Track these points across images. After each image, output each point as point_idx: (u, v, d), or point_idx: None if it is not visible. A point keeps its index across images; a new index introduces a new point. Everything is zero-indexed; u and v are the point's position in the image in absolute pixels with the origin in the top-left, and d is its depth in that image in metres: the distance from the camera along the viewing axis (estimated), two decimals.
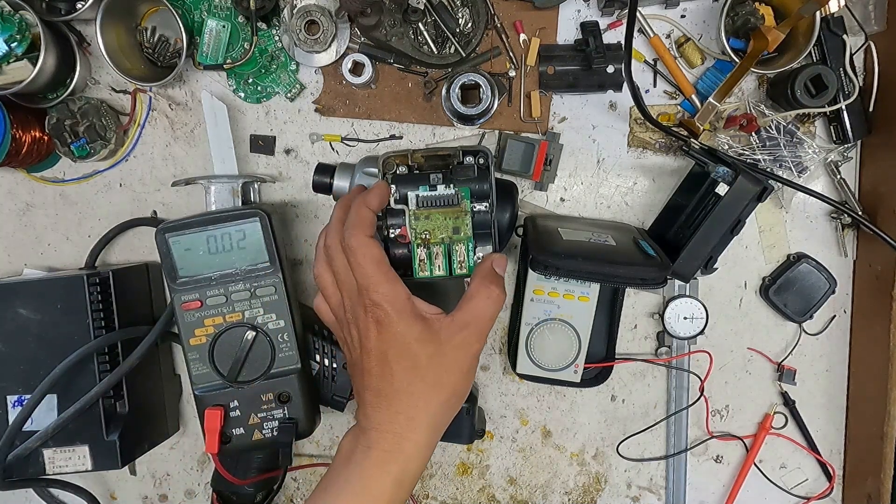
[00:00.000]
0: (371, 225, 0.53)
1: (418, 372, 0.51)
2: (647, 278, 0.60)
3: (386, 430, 0.51)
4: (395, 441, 0.51)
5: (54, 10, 0.64)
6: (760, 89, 0.69)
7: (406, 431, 0.51)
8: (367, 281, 0.51)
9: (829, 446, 0.74)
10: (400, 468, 0.51)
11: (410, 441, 0.51)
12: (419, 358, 0.51)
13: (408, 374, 0.51)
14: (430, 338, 0.51)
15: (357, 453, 0.52)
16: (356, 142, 0.71)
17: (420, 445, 0.52)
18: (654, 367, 0.74)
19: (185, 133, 0.71)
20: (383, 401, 0.52)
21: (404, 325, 0.51)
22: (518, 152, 0.68)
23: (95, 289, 0.64)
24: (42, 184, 0.72)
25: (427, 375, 0.51)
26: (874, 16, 0.66)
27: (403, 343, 0.51)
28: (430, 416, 0.52)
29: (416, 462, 0.52)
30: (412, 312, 0.51)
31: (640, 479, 0.76)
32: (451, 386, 0.52)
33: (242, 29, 0.68)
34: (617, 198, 0.72)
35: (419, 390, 0.51)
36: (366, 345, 0.52)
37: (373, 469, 0.51)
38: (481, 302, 0.53)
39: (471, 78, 0.65)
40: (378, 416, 0.52)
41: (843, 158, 0.69)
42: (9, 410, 0.64)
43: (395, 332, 0.51)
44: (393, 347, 0.51)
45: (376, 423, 0.52)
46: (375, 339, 0.51)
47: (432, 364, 0.51)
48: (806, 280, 0.70)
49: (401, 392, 0.51)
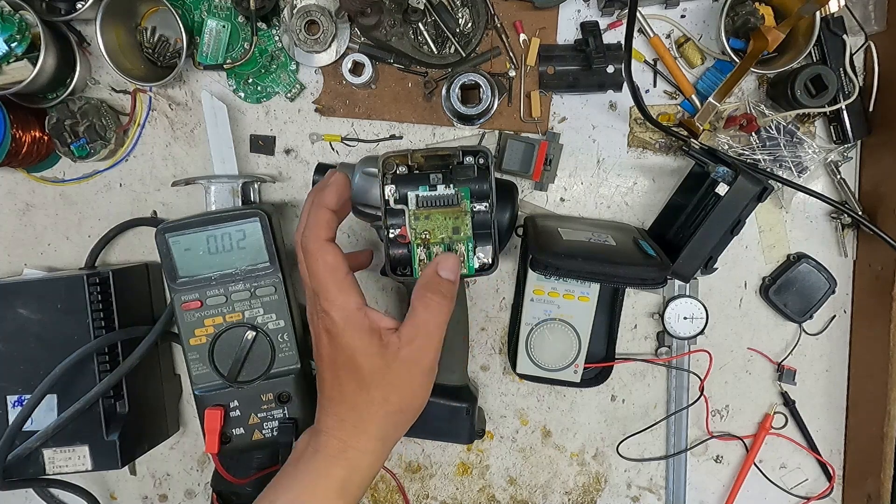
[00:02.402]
0: (328, 226, 0.52)
1: (363, 384, 0.50)
2: (647, 278, 0.60)
3: (333, 435, 0.51)
4: (341, 447, 0.51)
5: (54, 10, 0.65)
6: (760, 89, 0.69)
7: (351, 439, 0.51)
8: (319, 287, 0.51)
9: (829, 446, 0.74)
10: (344, 475, 0.51)
11: (356, 449, 0.51)
12: (364, 371, 0.50)
13: (354, 385, 0.51)
14: (376, 352, 0.50)
15: (306, 454, 0.52)
16: (356, 142, 0.71)
17: (366, 454, 0.51)
18: (654, 367, 0.74)
19: (185, 133, 0.71)
20: (332, 406, 0.52)
21: (350, 337, 0.50)
22: (518, 152, 0.68)
23: (95, 289, 0.64)
24: (42, 184, 0.72)
25: (372, 389, 0.50)
26: (874, 16, 0.66)
27: (350, 355, 0.50)
28: (376, 427, 0.51)
29: (363, 471, 0.51)
30: (360, 324, 0.50)
31: (640, 479, 0.76)
32: (398, 402, 0.51)
33: (242, 29, 0.68)
34: (617, 198, 0.72)
35: (364, 402, 0.51)
36: (319, 350, 0.52)
37: (318, 472, 0.51)
38: (421, 314, 0.51)
39: (471, 78, 0.65)
40: (327, 420, 0.52)
41: (843, 158, 0.69)
42: (9, 410, 0.64)
43: (342, 342, 0.50)
44: (341, 357, 0.51)
45: (325, 426, 0.52)
46: (326, 347, 0.51)
47: (378, 379, 0.50)
48: (806, 280, 0.70)
49: (348, 401, 0.51)
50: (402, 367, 0.50)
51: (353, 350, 0.50)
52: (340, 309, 0.50)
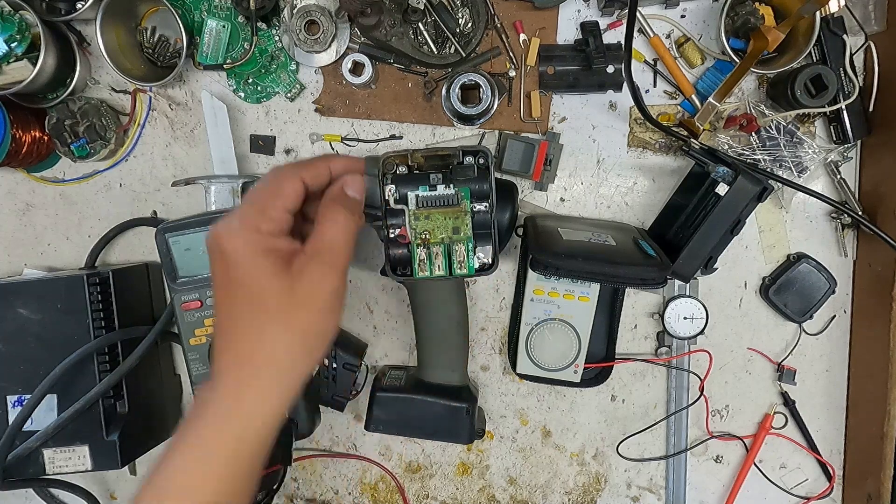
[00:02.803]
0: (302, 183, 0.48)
1: (263, 306, 0.45)
2: (647, 278, 0.60)
3: (227, 378, 0.46)
4: (236, 390, 0.45)
5: (54, 10, 0.65)
6: (760, 89, 0.69)
7: (248, 378, 0.45)
8: (246, 200, 0.47)
9: (829, 446, 0.74)
10: (241, 424, 0.45)
11: (252, 389, 0.45)
12: (265, 292, 0.45)
13: (252, 308, 0.45)
14: (277, 272, 0.45)
15: (197, 406, 0.46)
16: (356, 142, 0.71)
17: (264, 396, 0.46)
18: (654, 367, 0.74)
19: (185, 133, 0.71)
20: (226, 342, 0.47)
21: (246, 256, 0.45)
22: (518, 152, 0.68)
23: (95, 289, 0.64)
24: (42, 184, 0.72)
25: (273, 311, 0.45)
26: (874, 16, 0.66)
27: (245, 274, 0.46)
28: (275, 360, 0.46)
29: (261, 417, 0.46)
30: (258, 242, 0.46)
31: (640, 479, 0.76)
32: (302, 325, 0.46)
33: (242, 29, 0.68)
34: (617, 198, 0.72)
35: (262, 326, 0.45)
36: (213, 274, 0.47)
37: (210, 424, 0.45)
38: (329, 228, 0.48)
39: (471, 78, 0.65)
40: (221, 360, 0.47)
41: (843, 158, 0.69)
42: (9, 410, 0.64)
43: (238, 263, 0.46)
44: (235, 279, 0.46)
45: (218, 369, 0.46)
46: (219, 270, 0.47)
47: (280, 300, 0.45)
48: (806, 280, 0.70)
49: (243, 330, 0.46)
50: (308, 285, 0.46)
51: (246, 272, 0.45)
52: (240, 230, 0.46)
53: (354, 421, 0.75)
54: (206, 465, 0.44)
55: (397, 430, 0.66)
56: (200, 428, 0.45)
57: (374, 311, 0.74)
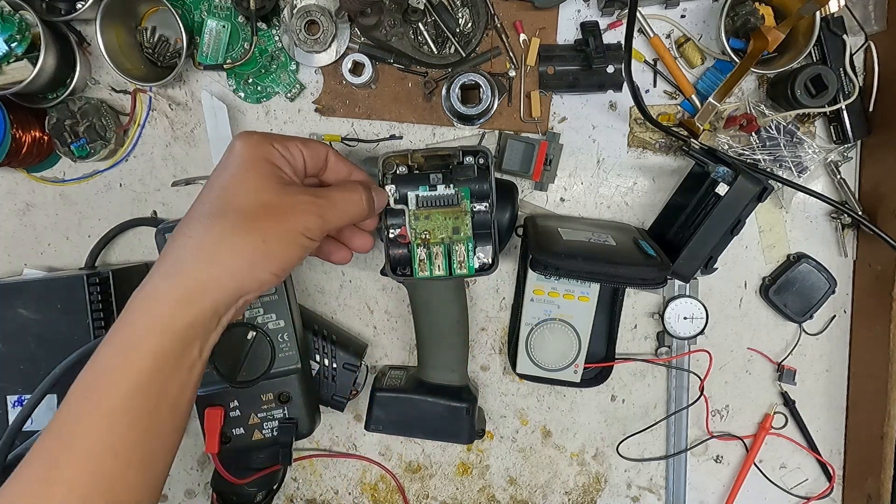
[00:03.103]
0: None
1: (235, 204, 0.46)
2: (647, 278, 0.60)
3: (167, 260, 0.45)
4: (169, 275, 0.44)
5: (54, 10, 0.65)
6: (760, 89, 0.69)
7: (187, 265, 0.44)
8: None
9: (829, 446, 0.74)
10: (168, 312, 0.44)
11: (187, 277, 0.44)
12: (246, 193, 0.46)
13: (227, 203, 0.46)
14: (270, 184, 0.47)
15: (132, 297, 0.45)
16: (356, 142, 0.71)
17: (198, 285, 0.44)
18: (654, 367, 0.74)
19: (185, 133, 0.71)
20: (184, 226, 0.46)
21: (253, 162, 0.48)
22: (518, 152, 0.68)
23: (95, 289, 0.64)
24: (42, 184, 0.72)
25: (242, 212, 0.45)
26: (874, 16, 0.66)
27: (243, 174, 0.47)
28: (223, 255, 0.44)
29: (192, 310, 0.44)
30: (268, 153, 0.48)
31: (640, 479, 0.76)
32: (265, 240, 0.45)
33: (242, 29, 0.68)
34: (617, 198, 0.72)
35: (222, 223, 0.45)
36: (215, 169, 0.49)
37: (137, 311, 0.44)
38: (342, 190, 0.51)
39: (471, 78, 0.65)
40: (168, 246, 0.46)
41: (843, 158, 0.69)
42: (9, 410, 0.64)
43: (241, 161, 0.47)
44: (228, 175, 0.47)
45: (162, 255, 0.46)
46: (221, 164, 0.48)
47: (255, 206, 0.46)
48: (806, 280, 0.70)
49: (201, 221, 0.45)
50: (288, 210, 0.46)
51: (244, 170, 0.47)
52: (258, 134, 0.49)
53: (354, 421, 0.75)
54: (130, 357, 0.43)
55: (397, 430, 0.66)
56: (125, 318, 0.44)
57: (374, 311, 0.74)
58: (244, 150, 0.48)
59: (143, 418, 0.43)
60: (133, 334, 0.43)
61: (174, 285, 0.44)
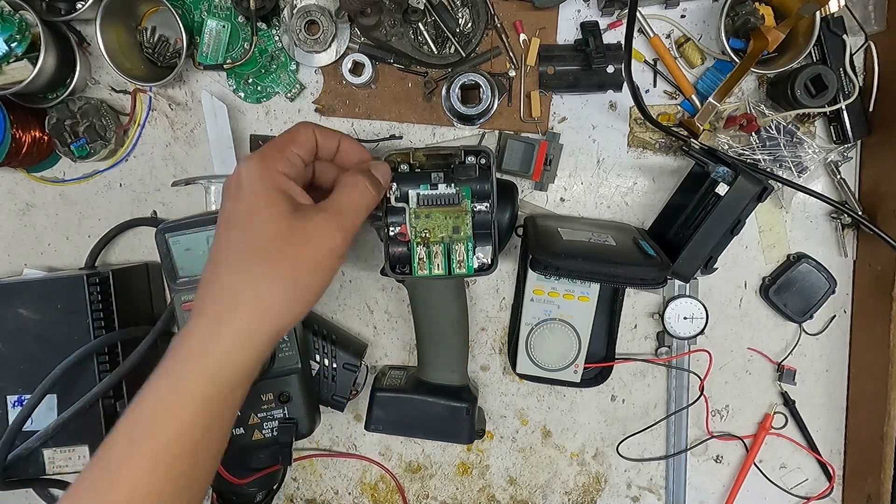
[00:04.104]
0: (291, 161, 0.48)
1: (258, 243, 0.44)
2: (647, 278, 0.60)
3: (203, 316, 0.45)
4: (212, 325, 0.44)
5: (54, 10, 0.65)
6: (760, 89, 0.69)
7: (227, 314, 0.44)
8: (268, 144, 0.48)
9: (829, 446, 0.74)
10: (216, 362, 0.43)
11: (230, 328, 0.44)
12: (265, 228, 0.44)
13: (246, 244, 0.45)
14: (283, 212, 0.45)
15: (173, 345, 0.45)
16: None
17: (241, 335, 0.44)
18: (654, 367, 0.74)
19: (185, 133, 0.71)
20: (210, 277, 0.45)
21: (257, 190, 0.45)
22: (518, 152, 0.68)
23: (95, 289, 0.64)
24: (42, 184, 0.72)
25: (266, 250, 0.44)
26: (874, 16, 0.66)
27: (251, 209, 0.45)
28: (257, 300, 0.44)
29: (237, 359, 0.44)
30: (274, 181, 0.46)
31: (640, 479, 0.76)
32: (292, 271, 0.45)
33: (242, 29, 0.68)
34: (617, 198, 0.72)
35: (250, 263, 0.44)
36: (222, 206, 0.47)
37: (184, 361, 0.44)
38: (343, 189, 0.48)
39: (471, 78, 0.65)
40: (203, 292, 0.45)
41: (843, 158, 0.69)
42: (9, 410, 0.64)
43: (247, 195, 0.45)
44: (241, 211, 0.45)
45: (199, 302, 0.45)
46: (230, 200, 0.46)
47: (278, 240, 0.44)
48: (806, 280, 0.70)
49: (231, 265, 0.45)
50: (309, 235, 0.45)
51: (256, 205, 0.45)
52: (258, 162, 0.46)
53: (354, 421, 0.75)
54: (177, 404, 0.43)
55: (397, 430, 0.66)
56: (172, 367, 0.44)
57: (374, 311, 0.74)
58: (253, 185, 0.46)
59: (186, 459, 0.44)
60: (180, 383, 0.44)
61: (218, 336, 0.44)
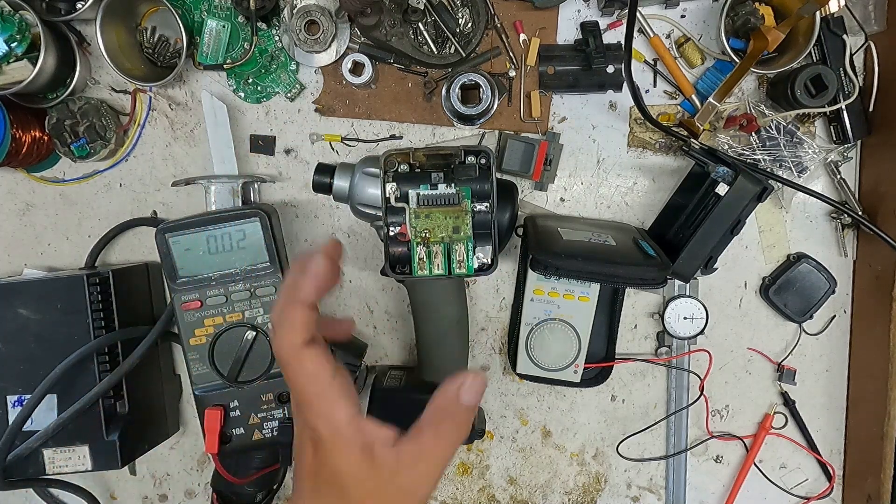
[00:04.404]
0: (304, 327, 0.42)
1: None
2: (647, 278, 0.60)
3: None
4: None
5: (54, 10, 0.65)
6: (760, 89, 0.69)
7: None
8: (302, 398, 0.43)
9: (829, 446, 0.74)
10: None
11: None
12: (350, 492, 0.43)
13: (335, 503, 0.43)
14: (368, 474, 0.43)
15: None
16: (356, 142, 0.71)
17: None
18: (654, 367, 0.74)
19: (185, 133, 0.71)
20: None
21: (339, 455, 0.42)
22: (518, 152, 0.68)
23: (95, 289, 0.64)
24: (42, 184, 0.72)
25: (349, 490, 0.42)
26: (874, 16, 0.66)
27: (336, 473, 0.43)
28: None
29: None
30: (351, 441, 0.42)
31: (640, 479, 0.76)
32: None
33: (242, 29, 0.68)
34: (617, 198, 0.72)
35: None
36: (301, 459, 0.45)
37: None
38: (430, 440, 0.43)
39: (471, 78, 0.65)
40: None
41: (843, 158, 0.69)
42: (9, 410, 0.64)
43: (329, 459, 0.43)
44: (325, 472, 0.43)
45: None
46: (310, 458, 0.44)
47: (364, 501, 0.43)
48: (806, 280, 0.70)
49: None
50: (396, 493, 0.43)
51: (341, 469, 0.43)
52: (327, 423, 0.42)
53: None
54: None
55: None
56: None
57: (374, 311, 0.74)
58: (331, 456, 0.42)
59: None
60: None
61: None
